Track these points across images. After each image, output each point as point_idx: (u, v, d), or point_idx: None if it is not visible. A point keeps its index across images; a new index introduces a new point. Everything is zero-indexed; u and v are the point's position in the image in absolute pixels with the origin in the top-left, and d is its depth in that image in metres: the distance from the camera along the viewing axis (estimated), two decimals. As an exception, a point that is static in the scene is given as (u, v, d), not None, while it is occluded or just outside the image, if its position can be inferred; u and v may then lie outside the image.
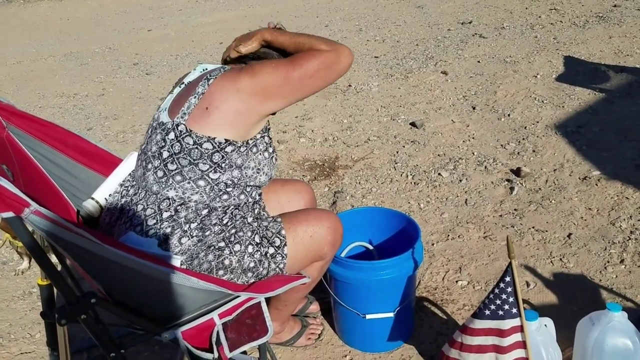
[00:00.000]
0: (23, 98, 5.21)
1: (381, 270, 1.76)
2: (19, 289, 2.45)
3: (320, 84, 1.49)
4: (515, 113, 3.67)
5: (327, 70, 1.47)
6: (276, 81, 1.42)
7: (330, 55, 1.46)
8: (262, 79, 1.41)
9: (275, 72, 1.42)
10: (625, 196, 2.64)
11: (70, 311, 1.24)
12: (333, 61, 1.47)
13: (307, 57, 1.45)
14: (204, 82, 1.43)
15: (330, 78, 1.50)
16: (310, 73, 1.44)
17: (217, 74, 1.44)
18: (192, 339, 1.38)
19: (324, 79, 1.48)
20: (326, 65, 1.46)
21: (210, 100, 1.40)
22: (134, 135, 4.08)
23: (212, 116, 1.39)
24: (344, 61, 1.49)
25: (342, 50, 1.48)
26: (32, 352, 2.08)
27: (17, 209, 1.07)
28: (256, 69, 1.43)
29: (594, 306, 1.98)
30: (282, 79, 1.42)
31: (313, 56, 1.45)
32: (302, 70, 1.43)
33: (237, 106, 1.40)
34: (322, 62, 1.45)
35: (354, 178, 3.11)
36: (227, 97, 1.40)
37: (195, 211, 1.40)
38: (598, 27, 5.25)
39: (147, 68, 5.86)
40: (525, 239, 2.43)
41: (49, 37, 8.05)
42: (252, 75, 1.41)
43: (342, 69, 1.50)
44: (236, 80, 1.41)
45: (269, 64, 1.45)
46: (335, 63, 1.47)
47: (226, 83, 1.41)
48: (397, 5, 7.34)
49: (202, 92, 1.41)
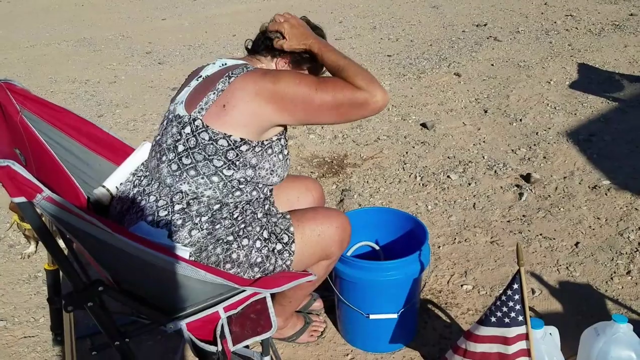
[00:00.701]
0: (35, 82, 5.23)
1: (387, 271, 1.75)
2: (25, 272, 2.47)
3: (339, 119, 1.40)
4: (527, 118, 3.65)
5: (351, 107, 1.37)
6: (295, 97, 1.36)
7: (361, 95, 1.36)
8: (283, 89, 1.36)
9: (298, 88, 1.36)
10: (635, 207, 2.62)
11: (78, 298, 1.25)
12: (361, 102, 1.36)
13: (336, 87, 1.37)
14: (225, 80, 1.41)
15: (352, 117, 1.40)
16: (332, 104, 1.36)
17: (239, 72, 1.42)
18: (197, 331, 1.39)
19: (344, 115, 1.39)
20: (352, 103, 1.36)
21: (228, 98, 1.39)
22: (144, 124, 4.09)
23: (228, 114, 1.38)
24: (373, 106, 1.37)
25: (375, 93, 1.36)
26: (36, 336, 2.09)
27: (30, 195, 1.08)
28: (281, 77, 1.39)
29: (598, 316, 1.98)
30: (302, 98, 1.36)
31: (342, 87, 1.37)
32: (326, 97, 1.36)
33: (253, 109, 1.38)
34: (349, 99, 1.36)
35: (362, 177, 3.11)
36: (245, 98, 1.38)
37: (207, 205, 1.40)
38: (613, 36, 5.22)
39: (160, 57, 5.87)
40: (533, 245, 2.42)
41: (63, 22, 8.08)
42: (275, 82, 1.37)
43: (368, 112, 1.39)
44: (258, 82, 1.39)
45: (295, 77, 1.39)
46: (363, 105, 1.37)
47: (247, 84, 1.39)
48: (412, 5, 7.31)
49: (222, 89, 1.40)
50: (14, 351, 2.02)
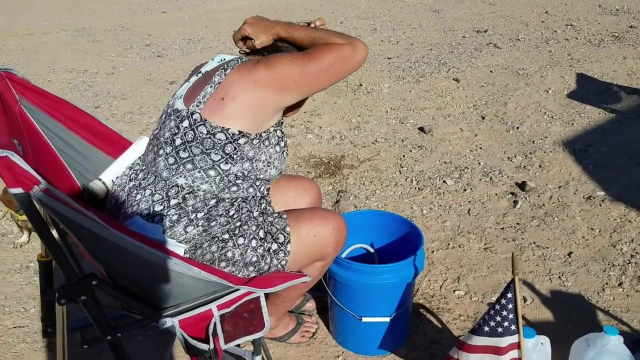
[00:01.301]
0: (32, 70, 5.20)
1: (381, 275, 1.75)
2: (17, 262, 2.45)
3: (336, 77, 1.48)
4: (524, 126, 3.66)
5: (343, 63, 1.46)
6: (292, 74, 1.41)
7: (346, 48, 1.45)
8: (279, 71, 1.40)
9: (291, 64, 1.41)
10: (629, 219, 2.63)
11: (71, 291, 1.24)
12: (348, 54, 1.46)
13: (324, 51, 1.45)
14: (221, 72, 1.42)
15: (346, 71, 1.49)
16: (326, 66, 1.43)
17: (234, 64, 1.44)
18: (189, 328, 1.38)
19: (339, 72, 1.47)
20: (342, 58, 1.45)
21: (226, 90, 1.39)
22: (141, 117, 4.07)
23: (227, 107, 1.39)
24: (359, 55, 1.48)
25: (357, 43, 1.47)
26: (26, 326, 2.08)
27: (27, 186, 1.07)
28: (273, 61, 1.43)
29: (589, 327, 1.99)
30: (299, 72, 1.41)
31: (329, 49, 1.45)
32: (319, 63, 1.43)
33: (253, 98, 1.40)
34: (338, 55, 1.45)
35: (358, 178, 3.11)
36: (243, 89, 1.39)
37: (203, 200, 1.40)
38: (613, 47, 5.24)
39: (159, 50, 5.85)
40: (526, 254, 2.43)
41: (62, 11, 8.03)
42: (268, 66, 1.41)
43: (357, 62, 1.49)
44: (252, 71, 1.41)
45: (286, 56, 1.44)
46: (351, 56, 1.47)
47: (243, 74, 1.41)
48: (414, 8, 7.32)
49: (218, 82, 1.41)
50: (4, 341, 2.01)
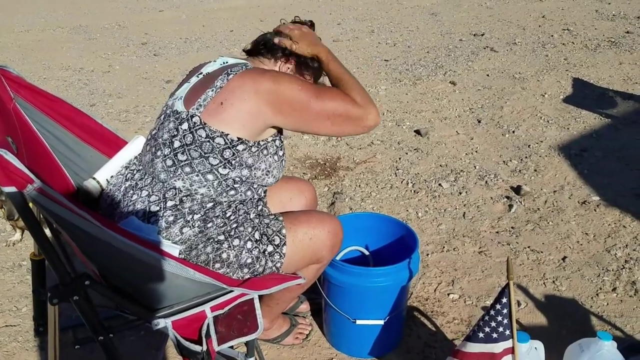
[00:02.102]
0: (28, 67, 5.18)
1: (376, 277, 1.75)
2: (9, 260, 2.44)
3: (335, 129, 1.45)
4: (520, 130, 3.67)
5: (345, 121, 1.43)
6: (295, 102, 1.39)
7: (357, 110, 1.43)
8: (283, 92, 1.38)
9: (299, 93, 1.39)
10: (623, 224, 2.64)
11: (64, 291, 1.23)
12: (355, 117, 1.44)
13: (335, 97, 1.43)
14: (224, 77, 1.41)
15: (347, 129, 1.46)
16: (329, 113, 1.41)
17: (238, 70, 1.42)
18: (182, 329, 1.37)
19: (337, 127, 1.44)
20: (347, 116, 1.43)
21: (226, 95, 1.38)
22: (136, 116, 4.06)
23: (225, 112, 1.37)
24: (366, 122, 1.45)
25: (370, 111, 1.44)
26: (18, 325, 2.06)
27: (21, 185, 1.06)
28: (282, 79, 1.40)
29: (583, 332, 1.99)
30: (302, 104, 1.39)
31: (341, 100, 1.43)
32: (324, 106, 1.40)
33: (250, 107, 1.38)
34: (346, 110, 1.42)
35: (354, 180, 3.11)
36: (243, 96, 1.38)
37: (200, 203, 1.39)
38: (609, 52, 5.26)
39: (156, 49, 5.84)
40: (520, 258, 2.43)
41: (59, 8, 8.01)
42: (275, 82, 1.39)
43: (361, 127, 1.46)
44: (257, 80, 1.39)
45: (297, 81, 1.42)
46: (357, 119, 1.44)
47: (246, 82, 1.39)
48: (411, 11, 7.32)
49: (220, 86, 1.39)
50: (-6, 340, 2.00)
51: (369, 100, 1.47)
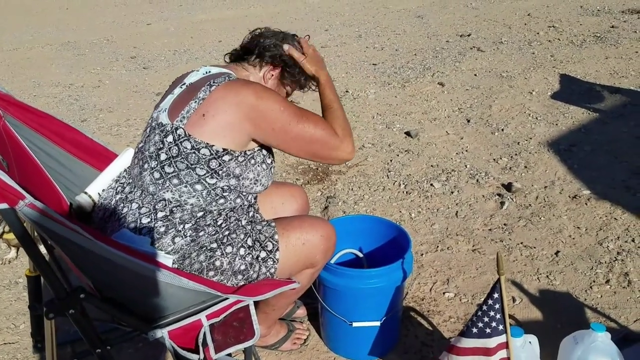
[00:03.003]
0: (18, 85, 5.18)
1: (370, 279, 1.76)
2: (5, 278, 2.44)
3: (306, 154, 1.49)
4: (509, 128, 3.70)
5: (322, 148, 1.48)
6: (275, 122, 1.41)
7: (334, 141, 1.48)
8: (265, 109, 1.40)
9: (280, 114, 1.41)
10: (614, 217, 2.67)
11: (59, 305, 1.24)
12: (331, 147, 1.48)
13: (316, 124, 1.46)
14: (207, 88, 1.42)
15: (319, 157, 1.51)
16: (307, 138, 1.45)
17: (221, 81, 1.43)
18: (179, 338, 1.38)
19: (313, 153, 1.49)
20: (324, 144, 1.47)
21: (208, 107, 1.39)
22: (128, 129, 4.07)
23: (208, 124, 1.38)
24: (340, 155, 1.50)
25: (346, 145, 1.50)
26: (16, 342, 2.06)
27: (12, 201, 1.07)
28: (265, 94, 1.42)
29: (578, 325, 2.01)
30: (281, 125, 1.41)
31: (322, 128, 1.47)
32: (304, 130, 1.43)
33: (231, 119, 1.39)
34: (324, 139, 1.46)
35: (346, 184, 3.12)
36: (224, 108, 1.39)
37: (190, 213, 1.40)
38: (595, 47, 5.31)
39: (145, 62, 5.85)
40: (514, 254, 2.45)
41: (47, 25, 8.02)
42: (258, 96, 1.40)
43: (332, 159, 1.52)
44: (240, 93, 1.40)
45: (280, 101, 1.43)
46: (332, 150, 1.49)
47: (228, 94, 1.40)
48: (398, 14, 7.37)
49: (202, 98, 1.40)
50: (-7, 358, 2.00)
51: (348, 134, 1.52)
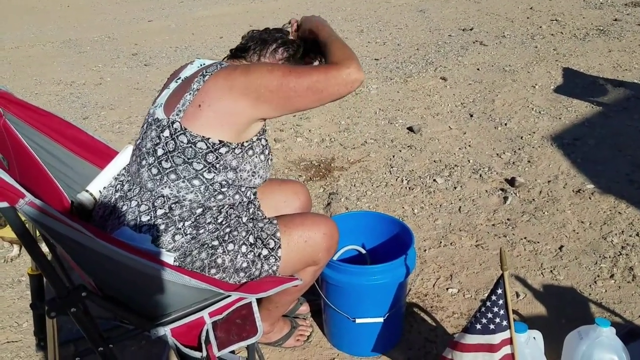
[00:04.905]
0: (19, 84, 5.18)
1: (373, 275, 1.76)
2: (8, 276, 2.44)
3: (317, 99, 1.36)
4: (512, 122, 3.68)
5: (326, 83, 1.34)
6: (269, 84, 1.34)
7: (334, 69, 1.34)
8: (255, 79, 1.34)
9: (269, 75, 1.34)
10: (618, 211, 2.65)
11: (61, 304, 1.24)
12: (334, 75, 1.34)
13: (310, 69, 1.36)
14: (200, 79, 1.40)
15: (330, 93, 1.36)
16: (306, 83, 1.33)
17: (213, 70, 1.41)
18: (181, 336, 1.38)
19: (321, 94, 1.35)
20: (325, 78, 1.33)
21: (203, 97, 1.37)
22: (129, 126, 4.06)
23: (204, 114, 1.36)
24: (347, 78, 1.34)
25: (349, 65, 1.34)
26: (19, 341, 2.07)
27: (12, 200, 1.07)
28: (252, 68, 1.38)
29: (582, 319, 2.00)
30: (276, 84, 1.34)
31: (316, 68, 1.36)
32: (300, 77, 1.33)
33: (228, 105, 1.37)
34: (322, 74, 1.34)
35: (349, 180, 3.11)
36: (218, 95, 1.36)
37: (189, 210, 1.39)
38: (598, 41, 5.27)
39: (146, 59, 5.84)
40: (517, 249, 2.44)
41: (48, 23, 8.01)
42: (246, 73, 1.36)
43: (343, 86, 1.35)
44: (230, 77, 1.37)
45: (266, 65, 1.39)
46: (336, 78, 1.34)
47: (220, 80, 1.38)
48: (400, 9, 7.34)
49: (197, 89, 1.39)
50: (-4, 357, 2.00)
51: (347, 56, 1.37)
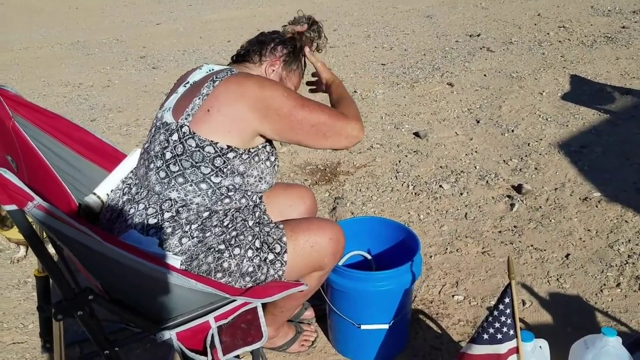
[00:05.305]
0: (28, 85, 5.21)
1: (379, 282, 1.75)
2: (14, 277, 2.45)
3: (316, 140, 1.46)
4: (519, 129, 3.67)
5: (330, 131, 1.44)
6: (280, 109, 1.39)
7: (341, 122, 1.45)
8: (269, 97, 1.38)
9: (284, 99, 1.40)
10: (625, 219, 2.64)
11: (68, 307, 1.24)
12: (339, 127, 1.45)
13: (320, 107, 1.44)
14: (210, 84, 1.41)
15: (330, 141, 1.47)
16: (314, 122, 1.42)
17: (223, 76, 1.43)
18: (187, 340, 1.38)
19: (321, 137, 1.45)
20: (331, 126, 1.44)
21: (212, 102, 1.38)
22: (137, 129, 4.08)
23: (212, 119, 1.38)
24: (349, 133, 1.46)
25: (354, 125, 1.46)
26: (25, 342, 2.07)
27: (21, 203, 1.07)
28: (267, 83, 1.41)
29: (588, 328, 1.99)
30: (286, 111, 1.39)
31: (327, 111, 1.45)
32: (310, 114, 1.41)
33: (237, 112, 1.38)
34: (331, 120, 1.44)
35: (355, 185, 3.11)
36: (229, 101, 1.38)
37: (196, 213, 1.39)
38: (605, 48, 5.26)
39: (154, 62, 5.86)
40: (524, 257, 2.43)
41: (57, 25, 8.06)
42: (261, 86, 1.39)
43: (343, 140, 1.47)
44: (242, 84, 1.39)
45: (282, 88, 1.43)
46: (340, 131, 1.45)
47: (231, 86, 1.40)
48: (407, 14, 7.35)
49: (206, 94, 1.40)
50: (2, 357, 2.00)
51: (356, 116, 1.49)
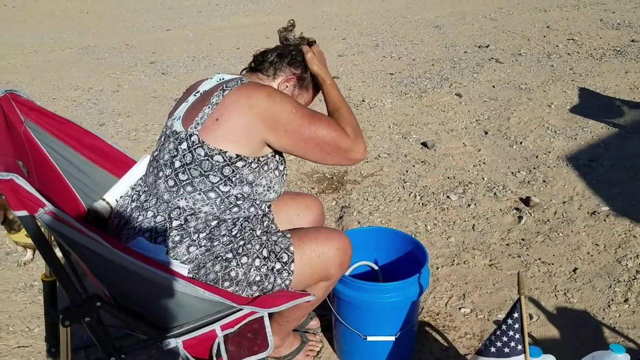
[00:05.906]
0: (38, 88, 5.24)
1: (386, 293, 1.74)
2: (21, 280, 2.45)
3: (322, 156, 1.48)
4: (527, 141, 3.66)
5: (334, 150, 1.47)
6: (288, 124, 1.40)
7: (346, 142, 1.47)
8: (277, 111, 1.39)
9: (292, 116, 1.40)
10: (633, 234, 2.62)
11: (75, 313, 1.24)
12: (344, 148, 1.47)
13: (328, 126, 1.45)
14: (219, 93, 1.42)
15: (332, 159, 1.49)
16: (319, 140, 1.44)
17: (233, 85, 1.43)
18: (193, 348, 1.38)
19: (325, 155, 1.47)
20: (336, 145, 1.46)
21: (222, 111, 1.38)
22: (146, 134, 4.10)
23: (222, 128, 1.38)
24: (352, 156, 1.50)
25: (358, 146, 1.49)
26: (30, 346, 2.07)
27: (32, 209, 1.08)
28: (277, 97, 1.41)
29: (595, 344, 1.97)
30: (293, 128, 1.41)
31: (334, 129, 1.46)
32: (316, 132, 1.43)
33: (246, 122, 1.39)
34: (335, 140, 1.46)
35: (362, 194, 3.11)
36: (238, 111, 1.38)
37: (205, 222, 1.39)
38: (615, 61, 5.25)
39: (164, 68, 5.90)
40: (531, 270, 2.41)
41: (67, 29, 8.12)
42: (270, 99, 1.39)
43: (345, 160, 1.50)
44: (252, 95, 1.39)
45: (292, 103, 1.43)
46: (344, 151, 1.48)
47: (241, 96, 1.40)
48: (415, 24, 7.36)
49: (215, 103, 1.40)
50: (7, 361, 2.01)
51: (359, 134, 1.51)
